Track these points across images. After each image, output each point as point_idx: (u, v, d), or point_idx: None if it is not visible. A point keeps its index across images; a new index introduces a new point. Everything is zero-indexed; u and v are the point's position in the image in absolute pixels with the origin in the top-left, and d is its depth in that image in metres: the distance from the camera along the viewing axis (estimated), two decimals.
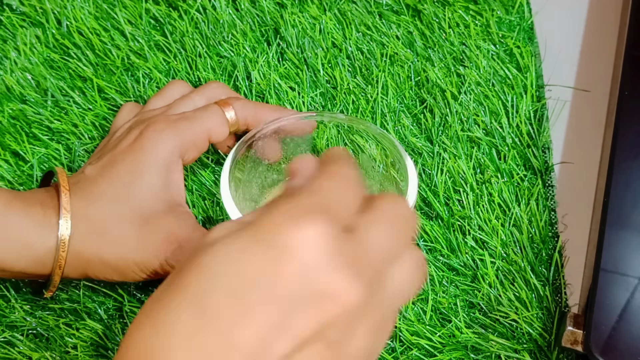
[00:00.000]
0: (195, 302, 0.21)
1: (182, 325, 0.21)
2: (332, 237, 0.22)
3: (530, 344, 0.41)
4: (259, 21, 0.51)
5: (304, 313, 0.21)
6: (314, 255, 0.22)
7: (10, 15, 0.51)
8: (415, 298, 0.40)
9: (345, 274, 0.22)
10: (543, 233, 0.44)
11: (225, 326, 0.21)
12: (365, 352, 0.23)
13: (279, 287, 0.21)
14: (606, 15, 0.53)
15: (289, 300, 0.21)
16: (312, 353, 0.21)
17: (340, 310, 0.22)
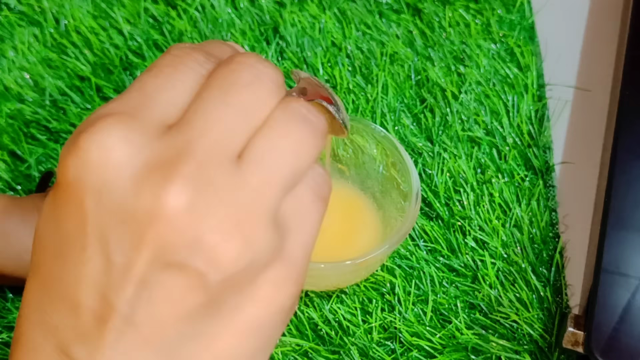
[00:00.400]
0: (36, 272, 0.20)
1: (32, 301, 0.20)
2: (120, 146, 0.18)
3: (530, 345, 0.41)
4: (258, 20, 0.51)
5: (125, 246, 0.18)
6: (103, 176, 0.18)
7: (8, 14, 0.51)
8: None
9: (149, 181, 0.18)
10: (544, 233, 0.44)
11: (63, 290, 0.19)
12: (233, 257, 0.18)
13: (87, 228, 0.18)
14: (607, 14, 0.53)
15: (104, 239, 0.18)
16: (166, 287, 0.18)
17: (162, 225, 0.18)
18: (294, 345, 0.41)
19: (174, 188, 0.18)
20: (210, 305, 0.19)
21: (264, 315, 0.19)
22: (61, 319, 0.19)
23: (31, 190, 0.45)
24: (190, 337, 0.19)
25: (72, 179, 0.18)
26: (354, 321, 0.42)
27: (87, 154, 0.18)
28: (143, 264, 0.18)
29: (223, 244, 0.18)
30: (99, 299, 0.18)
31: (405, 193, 0.39)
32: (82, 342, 0.19)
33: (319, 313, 0.42)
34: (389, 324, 0.42)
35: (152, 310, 0.18)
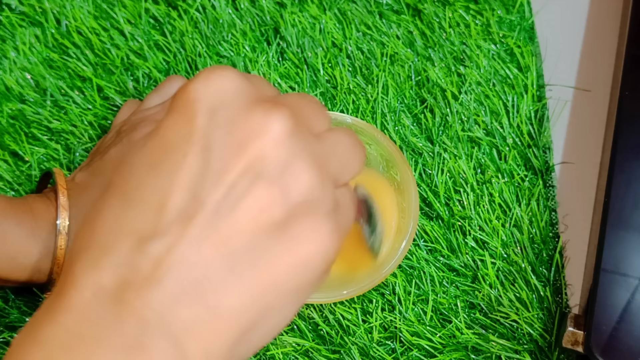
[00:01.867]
0: (118, 190, 0.21)
1: (109, 214, 0.21)
2: (239, 80, 0.21)
3: (530, 344, 0.41)
4: (259, 21, 0.51)
5: (226, 154, 0.20)
6: (220, 97, 0.21)
7: (10, 15, 0.51)
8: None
9: (260, 107, 0.21)
10: (544, 233, 0.44)
11: (150, 195, 0.20)
12: (312, 187, 0.21)
13: (194, 137, 0.20)
14: (607, 14, 0.53)
15: (208, 147, 0.20)
16: (253, 195, 0.20)
17: (264, 142, 0.21)
18: (294, 345, 0.41)
19: (281, 115, 0.21)
20: (281, 226, 0.21)
21: (316, 254, 0.21)
22: (143, 221, 0.20)
23: (32, 190, 0.46)
24: (257, 251, 0.20)
25: (192, 99, 0.21)
26: (354, 321, 0.42)
27: (211, 80, 0.21)
28: (239, 170, 0.20)
29: (307, 172, 0.21)
30: (189, 198, 0.20)
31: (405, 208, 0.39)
32: (161, 237, 0.20)
33: (319, 313, 0.42)
34: (389, 323, 0.42)
35: (235, 215, 0.20)
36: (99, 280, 0.19)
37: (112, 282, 0.19)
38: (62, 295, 0.20)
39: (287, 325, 0.24)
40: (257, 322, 0.21)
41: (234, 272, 0.20)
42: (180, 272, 0.19)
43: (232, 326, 0.20)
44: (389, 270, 0.37)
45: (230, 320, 0.20)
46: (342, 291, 0.36)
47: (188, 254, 0.20)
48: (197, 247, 0.20)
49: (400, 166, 0.39)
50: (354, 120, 0.40)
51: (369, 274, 0.37)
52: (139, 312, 0.19)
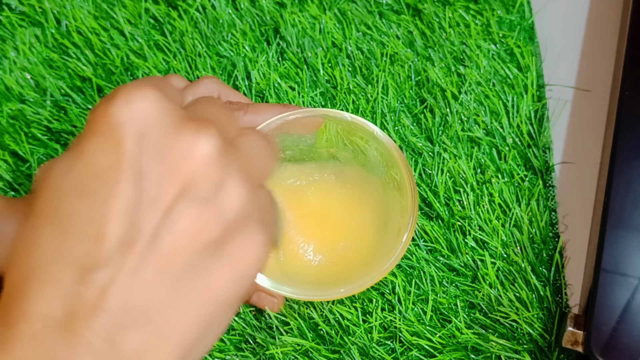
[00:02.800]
0: (50, 218, 0.21)
1: (45, 243, 0.21)
2: (160, 100, 0.21)
3: (530, 344, 0.41)
4: (259, 21, 0.51)
5: (160, 179, 0.21)
6: (145, 121, 0.21)
7: (10, 15, 0.51)
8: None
9: (188, 129, 0.21)
10: (543, 233, 0.44)
11: (86, 224, 0.20)
12: (245, 202, 0.22)
13: (124, 165, 0.21)
14: (607, 14, 0.53)
15: (139, 173, 0.21)
16: (189, 217, 0.21)
17: (196, 164, 0.21)
18: (294, 345, 0.41)
19: (209, 135, 0.21)
20: (219, 243, 0.21)
21: (251, 264, 0.22)
22: (83, 250, 0.20)
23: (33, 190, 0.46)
24: (197, 271, 0.21)
25: (115, 123, 0.21)
26: (354, 321, 0.42)
27: (133, 103, 0.21)
28: (173, 194, 0.21)
29: (239, 187, 0.22)
30: (128, 227, 0.20)
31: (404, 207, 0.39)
32: (104, 267, 0.20)
33: (319, 313, 0.42)
34: (389, 323, 0.42)
35: (173, 238, 0.21)
36: (47, 311, 0.20)
37: (60, 313, 0.20)
38: (12, 326, 0.20)
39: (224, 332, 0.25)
40: (201, 336, 0.22)
41: (176, 293, 0.21)
42: (125, 300, 0.20)
43: (179, 345, 0.21)
44: (389, 268, 0.37)
45: (177, 340, 0.21)
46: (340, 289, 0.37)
47: (131, 281, 0.20)
48: (139, 274, 0.20)
49: (399, 165, 0.39)
50: (353, 118, 0.40)
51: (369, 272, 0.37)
52: (89, 341, 0.20)
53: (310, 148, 0.43)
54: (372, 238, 0.41)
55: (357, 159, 0.42)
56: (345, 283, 0.37)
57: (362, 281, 0.37)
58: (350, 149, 0.42)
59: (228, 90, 0.44)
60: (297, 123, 0.40)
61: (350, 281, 0.37)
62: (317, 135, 0.42)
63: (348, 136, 0.42)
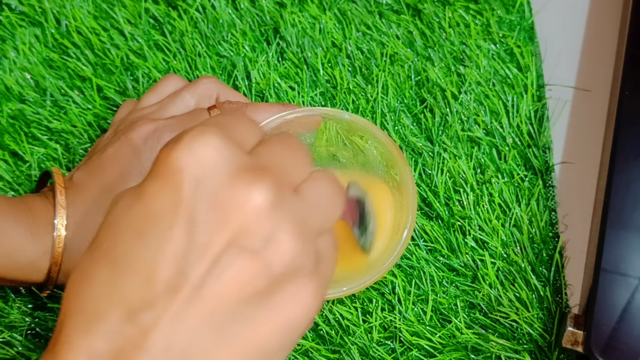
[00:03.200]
0: (106, 255, 0.22)
1: (98, 279, 0.21)
2: (222, 147, 0.22)
3: (530, 344, 0.41)
4: (259, 20, 0.51)
5: (210, 228, 0.21)
6: (203, 169, 0.21)
7: (9, 15, 0.51)
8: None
9: (243, 179, 0.22)
10: (543, 233, 0.44)
11: (138, 265, 0.21)
12: (294, 255, 0.22)
13: (179, 210, 0.21)
14: (607, 14, 0.53)
15: (192, 220, 0.21)
16: (236, 267, 0.21)
17: (247, 216, 0.21)
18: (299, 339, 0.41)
19: (263, 187, 0.22)
20: (265, 294, 0.22)
21: (299, 316, 0.22)
22: (132, 290, 0.21)
23: (32, 190, 0.46)
24: (241, 319, 0.21)
25: (176, 168, 0.21)
26: (354, 321, 0.42)
27: (195, 149, 0.22)
28: (222, 244, 0.21)
29: (289, 242, 0.22)
30: (176, 272, 0.21)
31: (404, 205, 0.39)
32: (150, 309, 0.21)
33: (319, 313, 0.42)
34: (389, 323, 0.42)
35: (219, 287, 0.21)
36: (92, 345, 0.21)
37: (105, 349, 0.21)
38: (59, 355, 0.21)
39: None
40: None
41: (220, 339, 0.21)
42: (168, 343, 0.21)
43: None
44: (388, 267, 0.37)
45: None
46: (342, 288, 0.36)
47: (174, 325, 0.21)
48: (183, 319, 0.21)
49: (398, 163, 0.39)
50: (352, 117, 0.40)
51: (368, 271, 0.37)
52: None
53: (310, 147, 0.43)
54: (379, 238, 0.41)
55: (356, 158, 0.42)
56: (345, 282, 0.37)
57: (362, 280, 0.37)
58: (350, 148, 0.42)
59: (227, 90, 0.44)
60: (296, 122, 0.40)
61: (350, 280, 0.37)
62: (317, 134, 0.42)
63: (348, 136, 0.42)
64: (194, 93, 0.43)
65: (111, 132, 0.42)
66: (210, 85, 0.43)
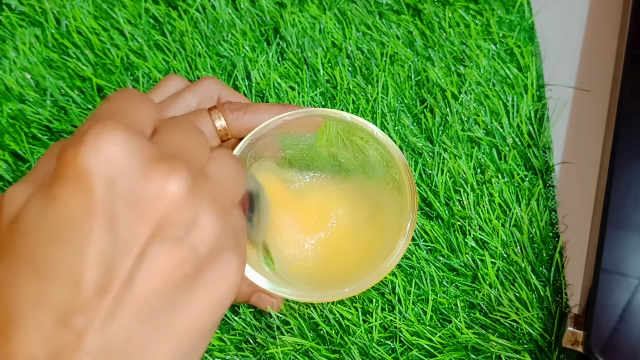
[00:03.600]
0: (27, 263, 0.22)
1: (25, 287, 0.21)
2: (127, 142, 0.22)
3: (530, 344, 0.41)
4: (259, 20, 0.51)
5: (132, 224, 0.21)
6: (113, 168, 0.21)
7: (9, 15, 0.51)
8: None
9: (156, 171, 0.22)
10: (544, 233, 0.44)
11: (64, 271, 0.21)
12: (217, 235, 0.23)
13: (96, 212, 0.21)
14: (607, 14, 0.53)
15: (112, 219, 0.21)
16: (162, 258, 0.21)
17: (167, 206, 0.22)
18: (294, 345, 0.41)
19: (177, 176, 0.22)
20: (194, 277, 0.22)
21: (227, 290, 0.23)
22: (61, 296, 0.21)
23: None
24: (174, 306, 0.22)
25: (85, 171, 0.21)
26: (354, 321, 0.42)
27: (101, 149, 0.21)
28: (145, 238, 0.21)
29: (211, 223, 0.22)
30: (103, 273, 0.21)
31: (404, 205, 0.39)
32: (82, 312, 0.21)
33: (319, 313, 0.42)
34: (389, 323, 0.42)
35: (148, 280, 0.21)
36: (31, 353, 0.21)
37: (43, 354, 0.21)
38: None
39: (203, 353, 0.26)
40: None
41: (155, 330, 0.22)
42: (104, 342, 0.21)
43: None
44: (389, 268, 0.37)
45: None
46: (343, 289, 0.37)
47: (107, 324, 0.21)
48: (116, 317, 0.21)
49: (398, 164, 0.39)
50: (353, 118, 0.40)
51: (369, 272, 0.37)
52: None
53: (310, 147, 0.43)
54: (372, 238, 0.41)
55: (357, 158, 0.42)
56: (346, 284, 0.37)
57: (363, 282, 0.37)
58: (350, 148, 0.42)
59: (228, 90, 0.44)
60: (297, 123, 0.40)
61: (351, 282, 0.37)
62: (317, 135, 0.42)
63: (348, 136, 0.42)
64: (195, 94, 0.43)
65: None
66: (212, 86, 0.43)
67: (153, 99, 0.43)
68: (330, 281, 0.39)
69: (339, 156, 0.43)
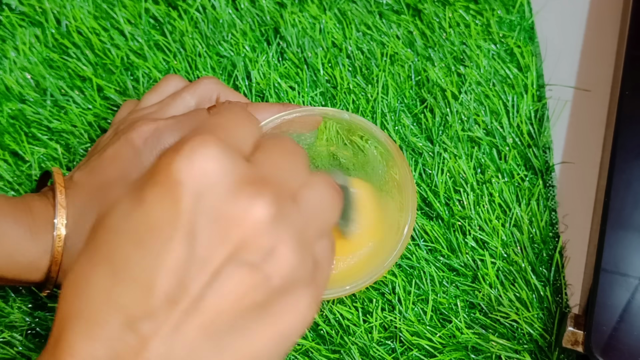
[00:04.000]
0: (105, 259, 0.22)
1: (98, 284, 0.22)
2: (222, 159, 0.22)
3: (530, 344, 0.41)
4: (259, 21, 0.51)
5: (211, 241, 0.21)
6: (204, 182, 0.21)
7: (10, 15, 0.51)
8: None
9: (244, 193, 0.22)
10: (544, 233, 0.44)
11: (138, 274, 0.21)
12: (293, 268, 0.23)
13: (179, 223, 0.21)
14: (607, 14, 0.53)
15: (192, 233, 0.21)
16: (235, 280, 0.21)
17: (248, 230, 0.22)
18: (294, 345, 0.41)
19: (264, 201, 0.22)
20: (262, 306, 0.22)
21: (295, 326, 0.23)
22: (132, 299, 0.21)
23: (32, 190, 0.46)
24: (239, 330, 0.22)
25: (176, 180, 0.21)
26: (354, 320, 0.42)
27: (195, 162, 0.21)
28: (222, 257, 0.21)
29: (289, 256, 0.22)
30: (175, 284, 0.21)
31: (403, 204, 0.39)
32: (150, 318, 0.21)
33: (320, 313, 0.42)
34: (389, 323, 0.42)
35: (218, 300, 0.21)
36: (93, 351, 0.21)
37: (105, 355, 0.21)
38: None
39: None
40: None
41: (217, 350, 0.22)
42: (166, 352, 0.21)
43: None
44: (388, 266, 0.37)
45: None
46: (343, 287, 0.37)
47: (173, 335, 0.21)
48: (182, 330, 0.21)
49: (398, 163, 0.39)
50: (352, 117, 0.40)
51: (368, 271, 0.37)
52: None
53: (310, 147, 0.43)
54: (372, 237, 0.41)
55: (357, 157, 0.42)
56: (346, 282, 0.37)
57: (363, 280, 0.37)
58: (350, 147, 0.42)
59: (227, 90, 0.44)
60: (296, 122, 0.40)
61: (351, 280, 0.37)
62: (317, 133, 0.42)
63: (348, 135, 0.42)
64: (194, 93, 0.43)
65: (111, 132, 0.42)
66: (211, 86, 0.43)
67: (152, 98, 0.43)
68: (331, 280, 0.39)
69: (338, 155, 0.43)
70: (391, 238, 0.38)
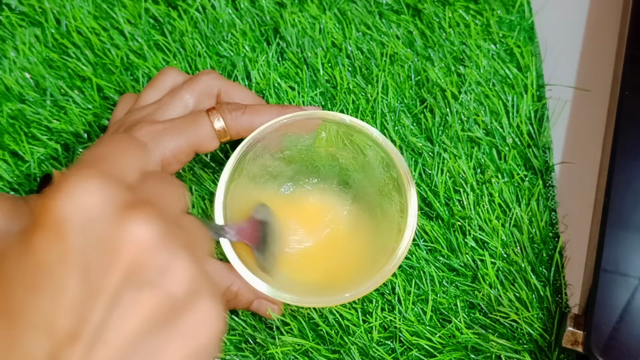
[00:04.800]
0: (2, 310, 0.22)
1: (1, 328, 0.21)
2: (102, 190, 0.22)
3: (530, 344, 0.41)
4: (259, 20, 0.51)
5: (103, 270, 0.21)
6: (86, 215, 0.21)
7: (9, 15, 0.51)
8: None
9: (126, 218, 0.22)
10: (543, 233, 0.44)
11: (37, 319, 0.21)
12: (193, 279, 0.23)
13: (69, 259, 0.21)
14: (607, 14, 0.53)
15: (84, 265, 0.21)
16: (134, 302, 0.21)
17: (137, 251, 0.22)
18: (294, 345, 0.41)
19: (147, 220, 0.22)
20: (170, 322, 0.22)
21: (207, 335, 0.23)
22: (34, 345, 0.21)
23: (32, 190, 0.46)
24: (150, 352, 0.22)
25: (59, 218, 0.21)
26: (354, 321, 0.42)
27: (75, 196, 0.21)
28: (116, 283, 0.21)
29: (186, 266, 0.22)
30: (76, 319, 0.21)
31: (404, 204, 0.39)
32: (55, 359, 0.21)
33: (319, 313, 0.42)
34: (389, 323, 0.42)
35: (121, 325, 0.21)
36: None
37: None
38: None
39: None
40: None
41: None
42: None
43: None
44: (391, 270, 0.37)
45: None
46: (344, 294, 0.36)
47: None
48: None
49: (398, 167, 0.39)
50: (352, 121, 0.40)
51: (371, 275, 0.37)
52: None
53: (309, 148, 0.43)
54: (373, 240, 0.41)
55: (356, 159, 0.42)
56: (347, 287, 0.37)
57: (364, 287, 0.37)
58: (350, 149, 0.42)
59: (228, 84, 0.43)
60: (295, 124, 0.40)
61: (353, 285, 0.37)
62: (316, 135, 0.42)
63: (348, 137, 0.42)
64: (193, 92, 0.42)
65: (111, 133, 0.41)
66: (211, 82, 0.42)
67: (150, 95, 0.43)
68: (331, 285, 0.39)
69: (338, 157, 0.43)
70: (391, 241, 0.38)
